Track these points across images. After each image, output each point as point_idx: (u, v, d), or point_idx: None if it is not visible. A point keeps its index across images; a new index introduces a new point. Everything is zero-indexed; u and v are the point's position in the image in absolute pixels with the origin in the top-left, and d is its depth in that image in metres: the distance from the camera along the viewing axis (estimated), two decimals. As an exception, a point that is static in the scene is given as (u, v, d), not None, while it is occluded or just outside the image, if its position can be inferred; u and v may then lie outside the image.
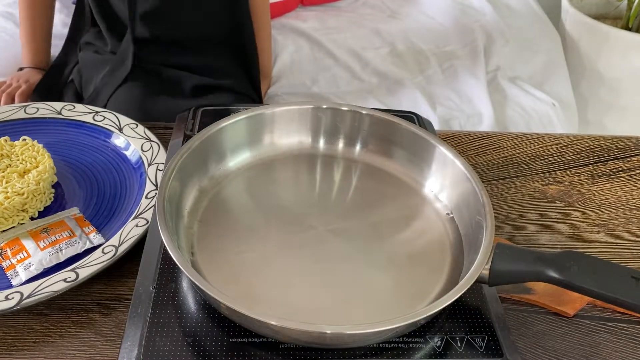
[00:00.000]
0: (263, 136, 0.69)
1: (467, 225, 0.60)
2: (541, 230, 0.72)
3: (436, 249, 0.60)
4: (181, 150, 0.61)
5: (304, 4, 1.62)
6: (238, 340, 0.51)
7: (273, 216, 0.63)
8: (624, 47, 1.70)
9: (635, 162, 0.83)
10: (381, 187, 0.67)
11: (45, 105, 0.83)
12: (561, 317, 0.61)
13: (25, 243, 0.63)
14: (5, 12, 1.46)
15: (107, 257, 0.61)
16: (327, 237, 0.61)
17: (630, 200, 0.77)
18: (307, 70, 1.41)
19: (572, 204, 0.76)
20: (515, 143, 0.85)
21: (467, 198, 0.61)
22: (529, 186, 0.78)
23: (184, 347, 0.50)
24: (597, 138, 0.87)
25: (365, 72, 1.44)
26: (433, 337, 0.52)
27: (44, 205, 0.69)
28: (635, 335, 0.60)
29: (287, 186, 0.68)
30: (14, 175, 0.68)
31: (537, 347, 0.58)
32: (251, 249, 0.59)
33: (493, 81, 1.46)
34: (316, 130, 0.70)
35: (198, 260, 0.57)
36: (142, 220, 0.66)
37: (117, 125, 0.80)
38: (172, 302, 0.54)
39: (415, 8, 1.69)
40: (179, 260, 0.49)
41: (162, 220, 0.53)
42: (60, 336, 0.57)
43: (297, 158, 0.70)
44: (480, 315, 0.54)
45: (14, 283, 0.60)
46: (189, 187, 0.62)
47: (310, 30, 1.52)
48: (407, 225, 0.64)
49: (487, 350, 0.51)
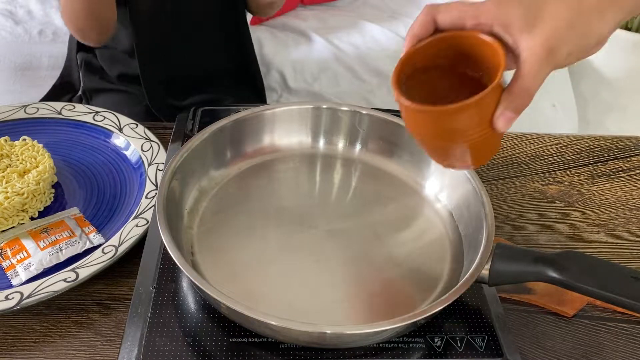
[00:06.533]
0: (263, 136, 0.69)
1: (467, 225, 0.60)
2: (541, 230, 0.72)
3: (436, 249, 0.61)
4: (181, 150, 0.61)
5: (305, 3, 1.62)
6: (238, 340, 0.51)
7: (273, 216, 0.63)
8: (624, 47, 1.70)
9: (635, 162, 0.83)
10: (381, 187, 0.67)
11: (45, 105, 0.83)
12: (561, 317, 0.61)
13: (25, 243, 0.63)
14: (4, 9, 1.46)
15: (107, 257, 0.61)
16: (327, 237, 0.61)
17: (630, 200, 0.77)
18: (307, 70, 1.41)
19: (572, 204, 0.76)
20: (515, 143, 0.85)
21: (467, 198, 0.61)
22: (529, 186, 0.78)
23: (184, 347, 0.50)
24: (597, 138, 0.87)
25: (366, 72, 1.44)
26: (433, 337, 0.52)
27: (44, 205, 0.69)
28: (635, 335, 0.60)
29: (287, 186, 0.68)
30: (13, 175, 0.68)
31: (537, 347, 0.58)
32: (251, 249, 0.59)
33: (493, 81, 1.46)
34: (316, 130, 0.70)
35: (198, 260, 0.57)
36: (142, 220, 0.66)
37: (117, 125, 0.80)
38: (172, 302, 0.54)
39: (415, 8, 1.69)
40: (179, 260, 0.49)
41: (162, 220, 0.53)
42: (60, 336, 0.57)
43: (297, 158, 0.70)
44: (480, 315, 0.54)
45: (14, 283, 0.60)
46: (189, 187, 0.63)
47: (311, 30, 1.52)
48: (407, 225, 0.64)
49: (487, 350, 0.51)
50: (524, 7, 0.46)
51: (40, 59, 1.31)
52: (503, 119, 0.48)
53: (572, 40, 0.46)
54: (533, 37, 0.45)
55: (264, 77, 1.41)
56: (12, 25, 1.42)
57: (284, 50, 1.44)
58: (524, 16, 0.46)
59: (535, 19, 0.46)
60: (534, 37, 0.45)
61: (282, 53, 1.44)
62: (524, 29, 0.46)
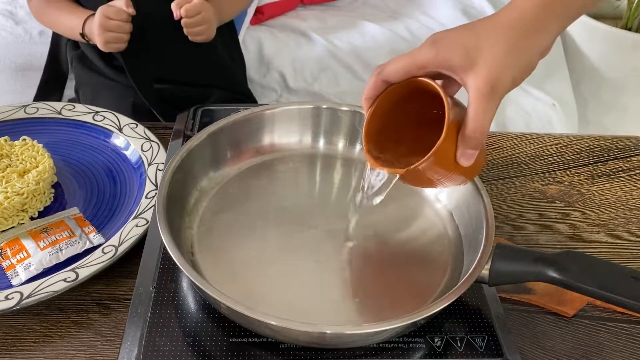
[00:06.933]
0: (263, 136, 0.69)
1: (467, 225, 0.60)
2: (541, 230, 0.72)
3: (436, 249, 0.61)
4: (181, 150, 0.61)
5: (304, 3, 1.62)
6: (238, 340, 0.51)
7: (273, 216, 0.63)
8: (624, 47, 1.70)
9: (635, 162, 0.83)
10: (381, 187, 0.67)
11: (45, 105, 0.83)
12: (561, 317, 0.61)
13: (25, 243, 0.63)
14: (4, 10, 1.46)
15: (107, 257, 0.61)
16: (327, 237, 0.61)
17: (630, 200, 0.77)
18: (307, 70, 1.41)
19: (572, 204, 0.76)
20: (515, 143, 0.85)
21: (467, 198, 0.61)
22: (529, 186, 0.78)
23: (184, 347, 0.50)
24: (597, 138, 0.87)
25: (366, 71, 1.44)
26: (433, 337, 0.52)
27: (43, 205, 0.69)
28: (635, 335, 0.60)
29: (287, 186, 0.68)
30: (13, 175, 0.68)
31: (537, 347, 0.58)
32: (251, 249, 0.59)
33: (493, 81, 1.46)
34: (316, 130, 0.70)
35: (198, 260, 0.57)
36: (142, 220, 0.66)
37: (117, 125, 0.80)
38: (172, 302, 0.54)
39: (416, 8, 1.69)
40: (179, 260, 0.49)
41: (162, 220, 0.53)
42: (60, 336, 0.57)
43: (297, 158, 0.70)
44: (480, 315, 0.54)
45: (14, 283, 0.60)
46: (189, 187, 0.63)
47: (311, 30, 1.52)
48: (407, 225, 0.64)
49: (487, 350, 0.51)
50: (462, 46, 0.47)
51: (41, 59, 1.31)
52: (465, 158, 0.49)
53: (515, 65, 0.47)
54: (476, 75, 0.46)
55: (263, 77, 1.41)
56: (12, 26, 1.42)
57: (284, 50, 1.44)
58: (464, 56, 0.47)
59: (476, 56, 0.47)
60: (477, 75, 0.46)
61: (282, 53, 1.43)
62: (467, 68, 0.47)
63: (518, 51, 0.47)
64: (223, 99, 1.11)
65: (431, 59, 0.48)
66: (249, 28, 1.46)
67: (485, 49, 0.46)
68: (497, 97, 0.47)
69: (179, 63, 1.07)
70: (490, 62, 0.46)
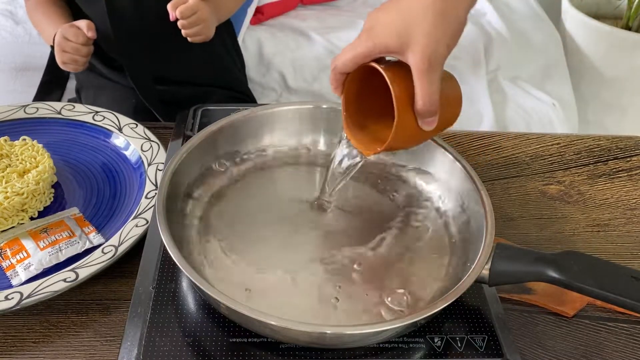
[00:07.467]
0: (263, 136, 0.69)
1: (467, 225, 0.60)
2: (541, 230, 0.72)
3: (436, 249, 0.61)
4: (181, 150, 0.61)
5: (304, 3, 1.62)
6: (238, 340, 0.51)
7: (273, 216, 0.63)
8: (624, 47, 1.70)
9: (635, 162, 0.83)
10: (381, 187, 0.67)
11: (45, 105, 0.83)
12: (561, 317, 0.61)
13: (25, 243, 0.63)
14: (4, 10, 1.46)
15: (107, 257, 0.61)
16: (327, 238, 0.61)
17: (630, 200, 0.77)
18: (307, 70, 1.41)
19: (572, 204, 0.76)
20: (515, 143, 0.85)
21: (467, 198, 0.61)
22: (529, 186, 0.78)
23: (184, 347, 0.50)
24: (597, 138, 0.87)
25: (365, 71, 1.44)
26: (433, 337, 0.52)
27: (43, 205, 0.69)
28: (635, 335, 0.60)
29: (287, 186, 0.68)
30: (13, 175, 0.68)
31: (537, 347, 0.58)
32: (251, 249, 0.59)
33: (493, 81, 1.46)
34: (316, 130, 0.70)
35: (198, 260, 0.57)
36: (142, 220, 0.66)
37: (117, 125, 0.80)
38: (172, 302, 0.54)
39: (415, 7, 1.69)
40: (179, 260, 0.49)
41: (162, 220, 0.53)
42: (60, 336, 0.57)
43: (297, 158, 0.70)
44: (480, 315, 0.54)
45: (13, 283, 0.60)
46: (189, 187, 0.62)
47: (310, 30, 1.52)
48: (407, 225, 0.64)
49: (487, 350, 0.51)
50: (394, 31, 0.51)
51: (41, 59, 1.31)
52: (426, 125, 0.53)
53: (445, 33, 0.50)
54: (413, 53, 0.50)
55: (263, 77, 1.41)
56: (12, 25, 1.42)
57: (284, 50, 1.44)
58: (398, 41, 0.50)
59: (408, 38, 0.50)
60: (413, 53, 0.50)
61: (282, 53, 1.43)
62: (404, 50, 0.50)
63: (445, 19, 0.50)
64: (223, 99, 1.11)
65: (370, 48, 0.52)
66: (249, 28, 1.46)
67: (414, 28, 0.50)
68: (437, 68, 0.51)
69: (179, 63, 1.07)
70: (421, 39, 0.50)
